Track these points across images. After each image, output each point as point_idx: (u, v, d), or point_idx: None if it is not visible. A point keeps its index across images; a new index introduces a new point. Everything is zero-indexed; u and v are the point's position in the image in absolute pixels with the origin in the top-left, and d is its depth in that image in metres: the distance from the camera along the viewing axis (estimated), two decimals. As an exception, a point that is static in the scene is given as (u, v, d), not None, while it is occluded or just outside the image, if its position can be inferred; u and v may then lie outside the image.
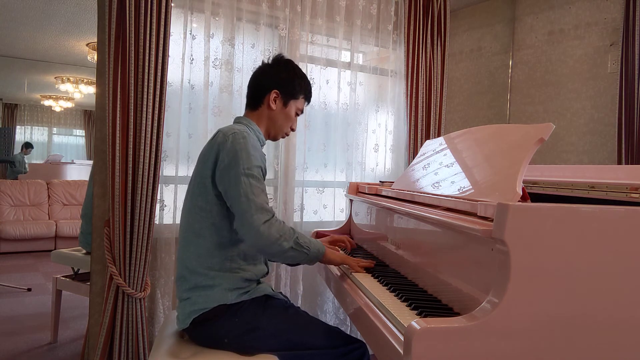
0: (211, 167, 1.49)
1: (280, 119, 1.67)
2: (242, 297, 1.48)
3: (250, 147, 1.47)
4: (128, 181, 2.07)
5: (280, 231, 1.43)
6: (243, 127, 1.56)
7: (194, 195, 1.53)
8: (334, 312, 2.77)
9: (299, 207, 2.62)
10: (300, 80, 1.69)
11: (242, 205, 1.42)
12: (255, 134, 1.61)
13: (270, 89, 1.63)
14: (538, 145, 1.27)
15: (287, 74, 1.66)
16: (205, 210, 1.49)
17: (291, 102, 1.67)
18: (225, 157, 1.46)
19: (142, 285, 2.12)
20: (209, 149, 1.53)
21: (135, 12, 2.03)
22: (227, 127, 1.57)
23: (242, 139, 1.48)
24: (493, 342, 0.95)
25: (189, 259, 1.51)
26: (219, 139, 1.50)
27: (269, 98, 1.64)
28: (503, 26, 3.43)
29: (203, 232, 1.49)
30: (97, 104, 2.14)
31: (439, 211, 1.35)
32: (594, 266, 1.00)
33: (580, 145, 2.98)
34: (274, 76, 1.65)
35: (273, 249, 1.43)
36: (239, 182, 1.43)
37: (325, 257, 1.56)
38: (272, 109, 1.64)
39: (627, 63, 2.65)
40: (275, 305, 1.53)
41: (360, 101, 2.78)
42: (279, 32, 2.55)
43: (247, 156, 1.45)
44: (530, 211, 0.98)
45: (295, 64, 1.73)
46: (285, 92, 1.65)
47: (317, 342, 1.47)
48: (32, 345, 2.84)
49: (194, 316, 1.45)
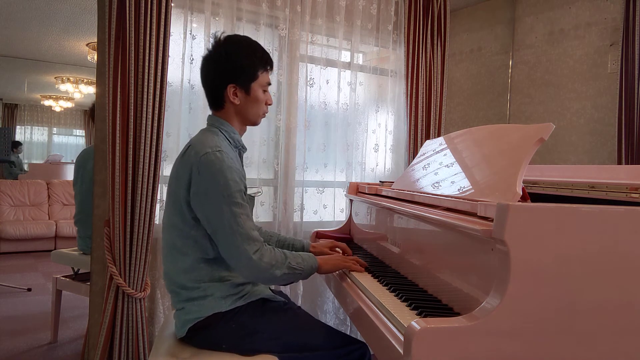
0: (185, 187, 1.40)
1: (250, 108, 1.52)
2: (237, 303, 1.45)
3: (227, 170, 1.36)
4: (128, 181, 2.07)
5: (272, 260, 1.39)
6: (216, 137, 1.45)
7: (171, 214, 1.46)
8: (334, 312, 2.77)
9: (299, 207, 2.62)
10: (249, 58, 1.49)
11: (227, 238, 1.36)
12: (230, 136, 1.51)
13: (224, 86, 1.48)
14: (538, 145, 1.27)
15: (232, 61, 1.47)
16: (184, 230, 1.42)
17: (252, 85, 1.50)
18: (202, 182, 1.36)
19: (142, 285, 2.12)
20: (181, 167, 1.43)
21: (135, 12, 2.03)
22: (198, 139, 1.45)
23: (216, 159, 1.36)
24: (493, 342, 0.95)
25: (177, 274, 1.46)
26: (191, 158, 1.39)
27: (227, 95, 1.49)
28: (503, 26, 3.43)
29: (186, 249, 1.43)
30: (97, 104, 2.14)
31: (439, 211, 1.35)
32: (594, 266, 1.00)
33: (580, 145, 2.98)
34: (221, 71, 1.48)
35: (265, 277, 1.40)
36: (221, 212, 1.34)
37: (320, 269, 1.53)
38: (237, 104, 1.50)
39: (627, 63, 2.65)
40: (273, 307, 1.51)
41: (360, 101, 2.78)
42: (279, 32, 2.55)
43: (225, 182, 1.35)
44: (530, 211, 0.98)
45: (236, 40, 1.52)
46: (242, 81, 1.49)
47: (317, 343, 1.46)
48: (32, 345, 2.84)
49: (190, 325, 1.43)
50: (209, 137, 1.45)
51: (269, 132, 2.58)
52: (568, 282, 0.99)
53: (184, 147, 1.50)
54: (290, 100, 2.58)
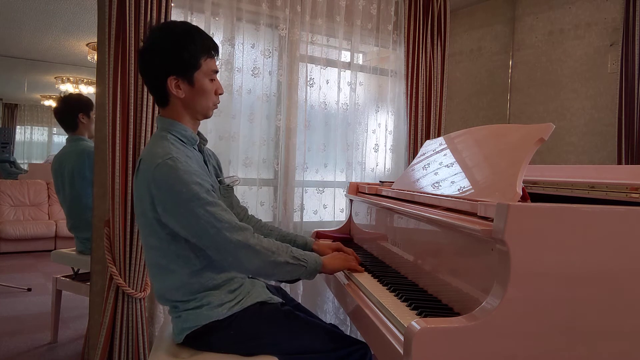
0: (150, 207, 1.33)
1: (197, 99, 1.42)
2: (234, 309, 1.41)
3: (184, 175, 1.29)
4: (128, 181, 2.06)
5: (272, 246, 1.36)
6: (165, 142, 1.36)
7: (146, 236, 1.40)
8: (334, 312, 2.77)
9: (299, 207, 2.62)
10: (187, 46, 1.37)
11: (215, 238, 1.30)
12: (182, 135, 1.42)
13: (164, 78, 1.37)
14: (538, 145, 1.27)
15: (168, 50, 1.36)
16: (162, 248, 1.37)
17: (195, 74, 1.39)
18: (165, 196, 1.30)
19: (142, 286, 2.12)
20: (140, 186, 1.37)
21: (135, 12, 2.03)
22: (147, 151, 1.38)
23: (169, 168, 1.29)
24: (493, 342, 0.95)
25: (169, 293, 1.43)
26: (145, 175, 1.32)
27: (170, 89, 1.38)
28: (503, 26, 3.43)
29: (171, 266, 1.38)
30: (97, 104, 2.14)
31: (439, 211, 1.35)
32: (594, 266, 1.00)
33: (580, 145, 2.98)
34: (158, 63, 1.37)
35: (268, 263, 1.35)
36: (197, 216, 1.28)
37: (324, 268, 1.48)
38: (182, 97, 1.40)
39: (627, 63, 2.65)
40: (271, 311, 1.47)
41: (360, 101, 2.78)
42: (279, 32, 2.55)
43: (188, 188, 1.28)
44: (530, 211, 0.98)
45: (171, 27, 1.42)
46: (182, 71, 1.37)
47: (317, 345, 1.44)
48: (32, 345, 2.84)
49: (187, 332, 1.41)
50: (158, 145, 1.36)
51: (269, 132, 2.58)
52: (568, 281, 0.99)
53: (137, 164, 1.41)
54: (290, 100, 2.58)
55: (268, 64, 2.51)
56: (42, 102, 9.98)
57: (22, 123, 11.04)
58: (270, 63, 2.52)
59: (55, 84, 7.97)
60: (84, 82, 7.65)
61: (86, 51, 5.78)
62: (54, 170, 2.82)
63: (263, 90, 2.50)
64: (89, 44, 5.55)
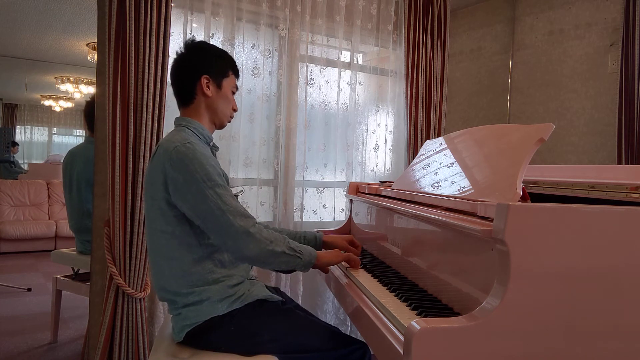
0: (162, 188, 1.38)
1: (220, 103, 1.55)
2: (234, 306, 1.43)
3: (200, 157, 1.37)
4: (128, 181, 2.07)
5: (270, 236, 1.38)
6: (183, 133, 1.46)
7: (152, 220, 1.45)
8: (334, 312, 2.77)
9: (299, 207, 2.62)
10: (222, 57, 1.58)
11: (219, 219, 1.34)
12: (199, 132, 1.51)
13: (199, 77, 1.51)
14: (538, 145, 1.27)
15: (208, 55, 1.55)
16: (167, 232, 1.41)
17: (224, 81, 1.56)
18: (178, 175, 1.35)
19: (142, 285, 2.12)
20: (154, 168, 1.42)
21: (135, 12, 2.03)
22: (166, 139, 1.45)
23: (187, 149, 1.37)
24: (493, 342, 0.95)
25: (168, 282, 1.44)
26: (161, 157, 1.39)
27: (201, 86, 1.51)
28: (503, 26, 3.43)
29: (173, 253, 1.41)
30: (97, 104, 2.14)
31: (439, 211, 1.35)
32: (594, 266, 1.00)
33: (580, 145, 2.98)
34: (196, 62, 1.53)
35: (266, 252, 1.37)
36: (205, 196, 1.34)
37: (318, 260, 1.50)
38: (209, 96, 1.53)
39: (627, 63, 2.65)
40: (271, 308, 1.49)
41: (360, 101, 2.78)
42: (279, 32, 2.55)
43: (202, 167, 1.35)
44: (530, 211, 0.98)
45: (211, 44, 1.64)
46: (215, 73, 1.53)
47: (316, 344, 1.45)
48: (32, 345, 2.84)
49: (187, 330, 1.42)
50: (177, 135, 1.45)
51: (269, 132, 2.58)
52: (568, 281, 0.99)
53: (153, 151, 1.48)
54: (290, 100, 2.58)
55: (268, 64, 2.51)
56: (42, 102, 9.97)
57: (22, 123, 11.05)
58: (270, 63, 2.52)
59: (55, 84, 7.97)
60: (84, 82, 7.65)
61: (86, 51, 5.78)
62: (64, 164, 2.86)
63: (263, 90, 2.50)
64: (89, 44, 5.55)
